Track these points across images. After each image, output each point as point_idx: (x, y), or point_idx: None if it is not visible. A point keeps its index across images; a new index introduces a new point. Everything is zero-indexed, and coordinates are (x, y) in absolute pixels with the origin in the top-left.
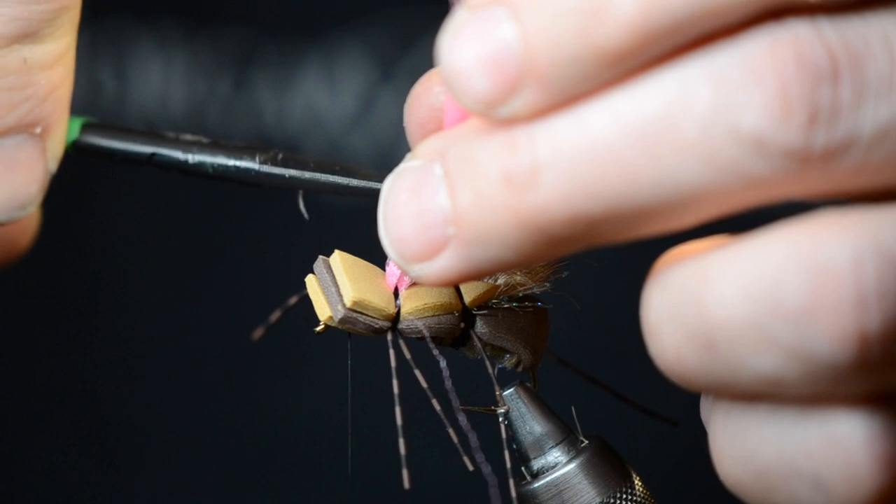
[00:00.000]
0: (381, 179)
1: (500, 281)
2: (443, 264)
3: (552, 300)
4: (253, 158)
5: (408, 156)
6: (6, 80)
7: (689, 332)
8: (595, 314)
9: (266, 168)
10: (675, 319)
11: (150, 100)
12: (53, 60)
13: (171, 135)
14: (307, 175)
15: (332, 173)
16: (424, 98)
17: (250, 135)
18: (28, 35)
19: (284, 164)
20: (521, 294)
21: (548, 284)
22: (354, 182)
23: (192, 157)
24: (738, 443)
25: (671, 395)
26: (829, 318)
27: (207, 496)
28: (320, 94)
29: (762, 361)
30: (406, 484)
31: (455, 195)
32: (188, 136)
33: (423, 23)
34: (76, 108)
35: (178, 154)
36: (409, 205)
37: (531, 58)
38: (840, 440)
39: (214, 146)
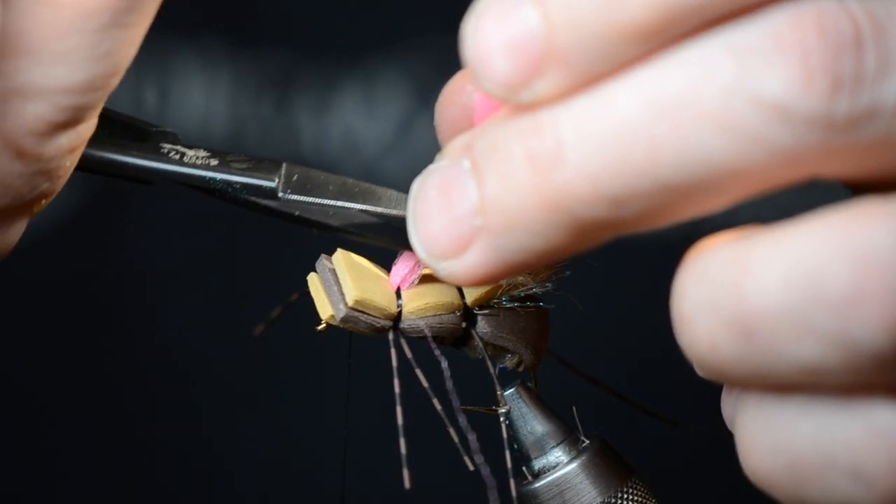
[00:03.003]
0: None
1: (502, 281)
2: (471, 260)
3: (554, 300)
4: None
5: (437, 156)
6: (37, 166)
7: (726, 320)
8: (596, 314)
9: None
10: (712, 308)
11: (191, 118)
12: (82, 142)
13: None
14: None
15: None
16: (456, 97)
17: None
18: (74, 122)
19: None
20: (522, 294)
21: (549, 284)
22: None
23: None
24: (769, 435)
25: (671, 395)
26: (874, 305)
27: (208, 494)
28: (358, 118)
29: (803, 350)
30: (407, 484)
31: (482, 184)
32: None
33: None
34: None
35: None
36: (438, 200)
37: (554, 40)
38: (884, 430)
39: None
